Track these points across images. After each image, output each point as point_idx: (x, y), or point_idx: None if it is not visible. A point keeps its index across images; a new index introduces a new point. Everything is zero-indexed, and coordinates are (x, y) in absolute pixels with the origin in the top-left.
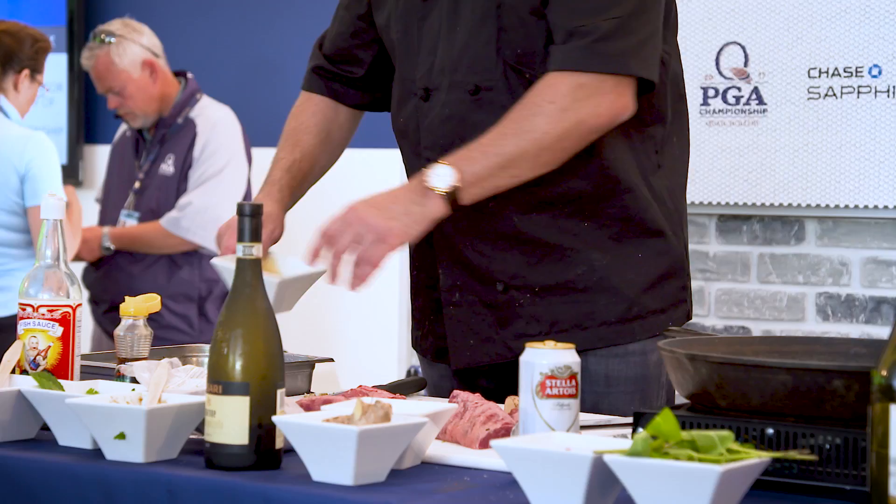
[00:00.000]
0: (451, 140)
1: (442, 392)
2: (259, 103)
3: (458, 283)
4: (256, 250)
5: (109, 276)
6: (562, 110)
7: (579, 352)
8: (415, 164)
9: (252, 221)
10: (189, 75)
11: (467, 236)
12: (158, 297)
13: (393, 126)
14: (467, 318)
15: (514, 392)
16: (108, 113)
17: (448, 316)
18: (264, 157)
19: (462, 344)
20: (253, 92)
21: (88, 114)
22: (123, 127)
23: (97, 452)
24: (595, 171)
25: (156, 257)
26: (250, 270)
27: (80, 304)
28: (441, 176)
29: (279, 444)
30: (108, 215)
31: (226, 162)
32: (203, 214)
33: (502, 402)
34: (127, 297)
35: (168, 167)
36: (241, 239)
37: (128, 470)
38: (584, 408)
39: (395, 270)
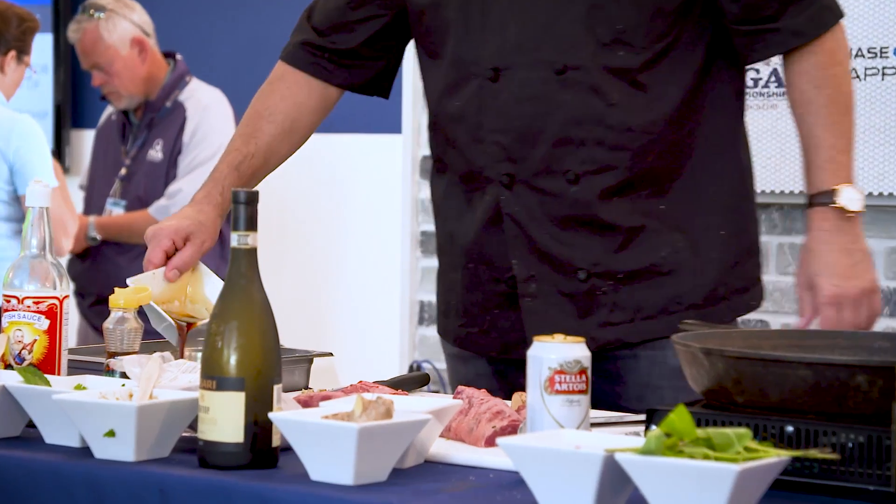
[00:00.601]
0: (529, 122)
1: (485, 382)
2: (252, 86)
3: (534, 274)
4: (252, 239)
5: (96, 267)
6: (845, 70)
7: (662, 339)
8: (472, 150)
9: (247, 209)
10: (178, 57)
11: (544, 225)
12: (149, 289)
13: (436, 112)
14: (546, 310)
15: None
16: (96, 96)
17: (526, 309)
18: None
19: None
20: (245, 74)
21: (75, 97)
22: (109, 110)
23: (85, 451)
24: (676, 149)
25: (143, 248)
26: (245, 260)
27: (67, 296)
28: (853, 199)
29: (276, 443)
30: (93, 203)
31: (217, 147)
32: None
33: None
34: (116, 289)
35: (156, 153)
36: (236, 227)
37: (117, 469)
38: (666, 401)
39: (396, 261)
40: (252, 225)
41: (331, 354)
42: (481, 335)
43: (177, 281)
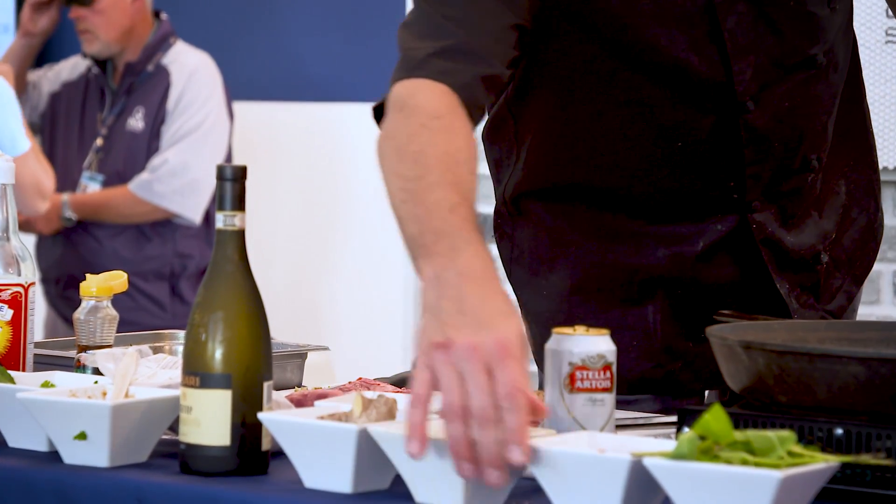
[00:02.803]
0: (791, 135)
1: None
2: (241, 50)
3: (789, 287)
4: (239, 220)
5: (67, 250)
6: None
7: None
8: (702, 189)
9: (234, 186)
10: (163, 16)
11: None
12: (125, 275)
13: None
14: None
15: None
16: (68, 55)
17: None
18: (247, 112)
19: None
20: (234, 37)
21: (40, 61)
22: (75, 67)
23: (54, 455)
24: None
25: (121, 228)
26: (232, 244)
27: (33, 284)
28: None
29: (266, 446)
30: (61, 177)
31: (204, 116)
32: (180, 177)
33: None
34: (88, 275)
35: (136, 122)
36: (221, 207)
37: (90, 475)
38: None
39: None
40: (240, 204)
41: (327, 349)
42: (684, 369)
43: None
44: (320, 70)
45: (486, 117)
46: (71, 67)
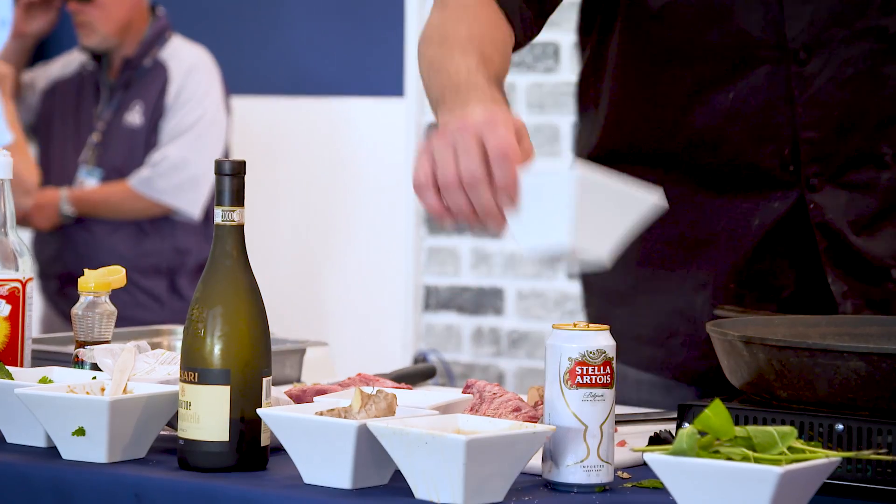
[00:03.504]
0: (850, 108)
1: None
2: (241, 45)
3: (847, 289)
4: (238, 215)
5: (65, 246)
6: None
7: None
8: (750, 154)
9: (233, 181)
10: (160, 10)
11: (857, 227)
12: (123, 271)
13: (694, 116)
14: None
15: None
16: (64, 52)
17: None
18: (247, 107)
19: None
20: (233, 31)
21: (39, 55)
22: (69, 63)
23: (52, 451)
24: None
25: (119, 224)
26: (231, 239)
27: (31, 279)
28: None
29: (265, 442)
30: (56, 171)
31: (203, 112)
32: (180, 172)
33: None
34: (86, 271)
35: (135, 117)
36: (220, 202)
37: (88, 471)
38: None
39: (399, 240)
40: (238, 199)
41: (326, 344)
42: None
43: None
44: (319, 64)
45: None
46: (63, 64)
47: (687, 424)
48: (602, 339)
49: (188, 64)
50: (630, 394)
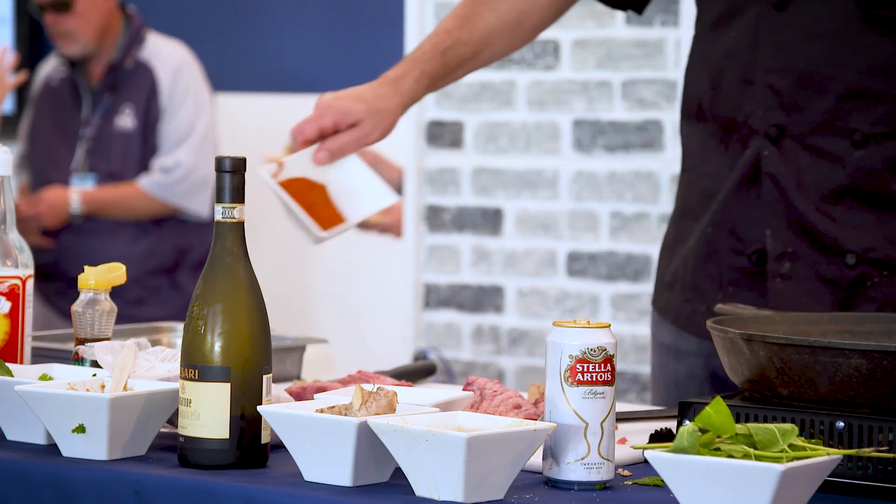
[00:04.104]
0: (817, 65)
1: (684, 396)
2: (224, 42)
3: (791, 251)
4: (238, 212)
5: (68, 245)
6: None
7: None
8: (740, 92)
9: (234, 178)
10: (131, 8)
11: (812, 193)
12: (123, 267)
13: (703, 45)
14: (798, 296)
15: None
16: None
17: (773, 290)
18: (232, 104)
19: None
20: (215, 28)
21: (40, 53)
22: (45, 73)
23: (52, 449)
24: None
25: (119, 222)
26: (231, 236)
27: (30, 276)
28: None
29: (265, 439)
30: (46, 178)
31: (202, 112)
32: (193, 175)
33: None
34: (86, 268)
35: (126, 121)
36: (220, 199)
37: (88, 469)
38: None
39: (398, 239)
40: (239, 196)
41: (326, 341)
42: (707, 315)
43: (321, 167)
44: (304, 62)
45: None
46: (42, 77)
47: (688, 422)
48: (603, 337)
49: (174, 64)
50: None
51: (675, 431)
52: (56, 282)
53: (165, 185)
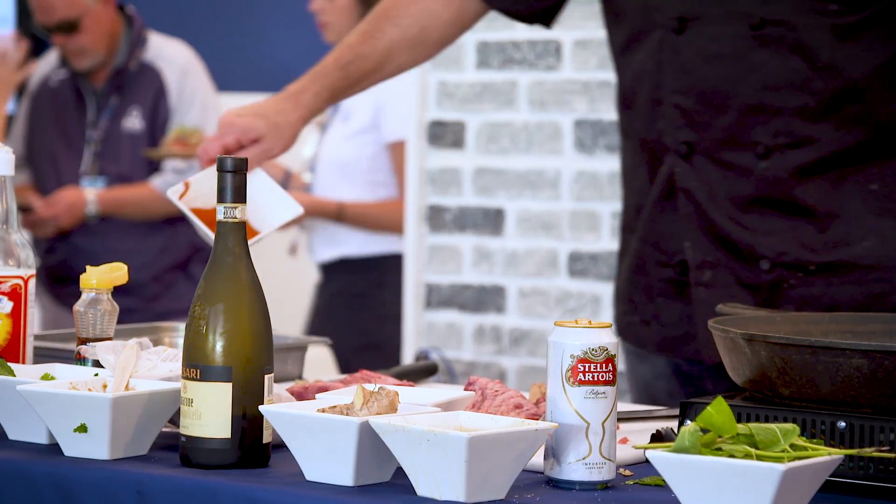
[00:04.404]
0: (716, 83)
1: (655, 395)
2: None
3: (710, 260)
4: (240, 212)
5: (80, 245)
6: None
7: None
8: (651, 112)
9: (235, 178)
10: (130, 9)
11: (724, 204)
12: (125, 267)
13: (619, 68)
14: (721, 302)
15: None
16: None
17: (697, 299)
18: (230, 105)
19: None
20: (211, 27)
21: (41, 53)
22: (42, 75)
23: (54, 448)
24: (891, 121)
25: (129, 222)
26: (233, 236)
27: (32, 275)
28: None
29: (267, 439)
30: (53, 182)
31: (206, 112)
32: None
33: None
34: (88, 267)
35: (133, 122)
36: (222, 199)
37: (90, 468)
38: None
39: (399, 237)
40: (240, 196)
41: (328, 341)
42: (642, 326)
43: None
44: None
45: None
46: (38, 79)
47: (689, 422)
48: (604, 337)
49: (181, 64)
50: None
51: (676, 431)
52: (71, 283)
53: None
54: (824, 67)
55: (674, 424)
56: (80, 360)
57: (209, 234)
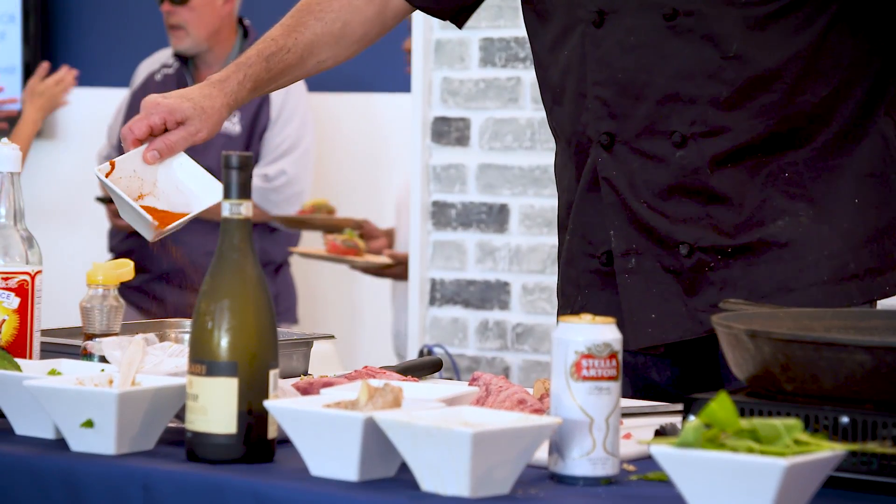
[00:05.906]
0: (633, 74)
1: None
2: None
3: (634, 248)
4: (245, 209)
5: (161, 244)
6: None
7: None
8: (576, 105)
9: (240, 175)
10: (247, 22)
11: (643, 193)
12: (131, 263)
13: (542, 71)
14: (646, 288)
15: (699, 387)
16: (73, 50)
17: (623, 286)
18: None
19: (641, 318)
20: None
21: (47, 53)
22: (149, 69)
23: (61, 443)
24: (803, 110)
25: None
26: (238, 232)
27: (39, 271)
28: None
29: (272, 434)
30: None
31: (306, 129)
32: (292, 187)
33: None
34: (94, 264)
35: (233, 125)
36: (227, 195)
37: (96, 463)
38: None
39: (405, 232)
40: (245, 192)
41: (332, 337)
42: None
43: (154, 165)
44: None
45: None
46: (147, 66)
47: (692, 417)
48: (609, 333)
49: None
50: None
51: (679, 427)
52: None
53: (263, 193)
54: (735, 57)
55: (677, 420)
56: (86, 355)
57: (138, 209)
